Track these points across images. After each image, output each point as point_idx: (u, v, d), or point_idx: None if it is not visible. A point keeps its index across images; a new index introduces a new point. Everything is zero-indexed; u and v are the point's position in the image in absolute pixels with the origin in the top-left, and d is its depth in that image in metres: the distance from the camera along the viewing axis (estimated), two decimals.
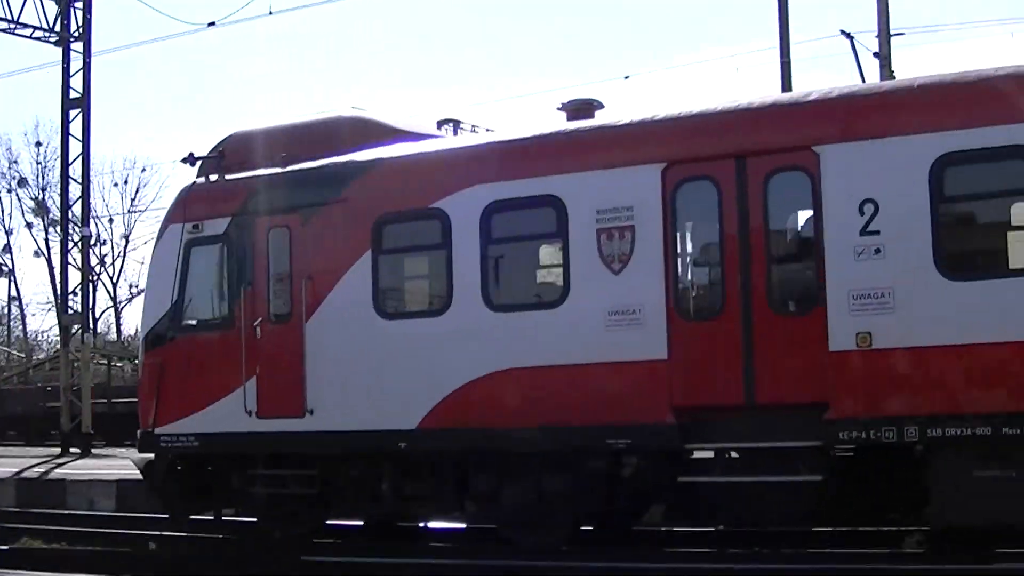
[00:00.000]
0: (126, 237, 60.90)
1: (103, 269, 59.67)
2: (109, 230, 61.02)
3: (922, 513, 11.54)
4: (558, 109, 14.03)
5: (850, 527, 13.12)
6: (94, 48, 30.15)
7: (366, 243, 13.61)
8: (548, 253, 13.15)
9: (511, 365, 12.67)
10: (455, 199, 13.10)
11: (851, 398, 11.47)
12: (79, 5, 30.24)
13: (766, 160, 11.95)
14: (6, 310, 66.14)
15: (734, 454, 12.18)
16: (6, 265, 63.83)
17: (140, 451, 15.12)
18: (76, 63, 29.95)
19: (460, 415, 12.92)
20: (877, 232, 11.45)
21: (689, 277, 12.63)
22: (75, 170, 30.26)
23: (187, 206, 15.01)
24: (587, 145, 12.86)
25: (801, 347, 11.67)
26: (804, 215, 12.08)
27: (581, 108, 13.81)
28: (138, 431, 15.03)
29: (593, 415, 12.30)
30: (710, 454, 12.23)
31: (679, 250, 12.47)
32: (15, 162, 62.22)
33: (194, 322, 14.77)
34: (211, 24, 29.04)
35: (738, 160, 12.02)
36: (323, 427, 13.69)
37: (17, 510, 19.17)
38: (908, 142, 11.43)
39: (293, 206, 14.21)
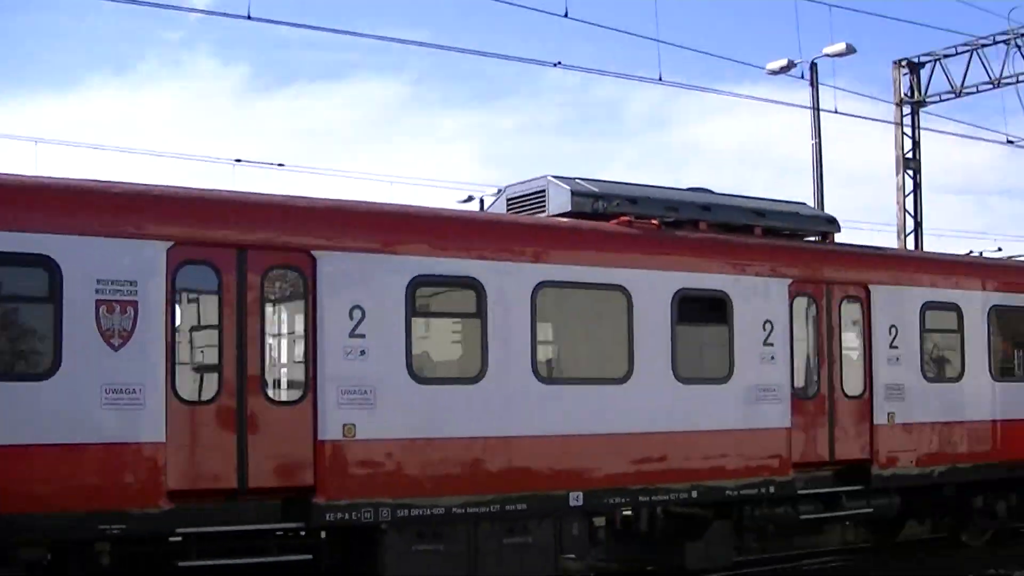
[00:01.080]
0: None
1: None
2: None
3: None
4: None
5: None
6: None
7: None
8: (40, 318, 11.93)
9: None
10: None
11: (336, 483, 12.88)
12: None
13: (267, 255, 12.89)
14: None
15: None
16: None
17: None
18: None
19: None
20: (363, 336, 13.23)
21: (189, 360, 12.67)
22: None
23: None
24: (89, 206, 12.23)
25: (292, 435, 12.74)
26: (300, 312, 13.19)
27: None
28: None
29: (87, 500, 11.63)
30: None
31: (180, 332, 12.53)
32: None
33: None
34: None
35: (240, 251, 12.75)
36: None
37: None
38: (390, 260, 13.54)
39: None
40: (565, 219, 15.87)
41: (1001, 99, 32.07)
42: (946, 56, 33.15)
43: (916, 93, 33.93)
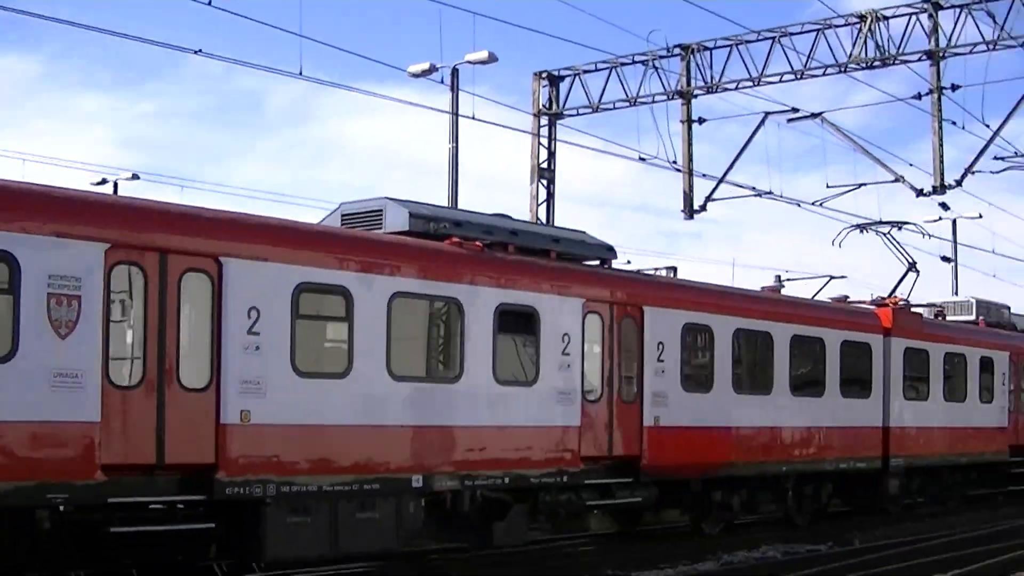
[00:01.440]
0: None
1: None
2: None
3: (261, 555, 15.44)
4: None
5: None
6: None
7: None
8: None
9: None
10: None
11: (232, 462, 14.96)
12: None
13: (183, 260, 14.80)
14: None
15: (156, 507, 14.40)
16: None
17: None
18: None
19: None
20: (258, 333, 15.35)
21: (120, 350, 14.35)
22: None
23: None
24: (45, 210, 13.75)
25: (200, 418, 14.74)
26: (208, 311, 15.12)
27: None
28: None
29: (34, 472, 13.25)
30: None
31: (113, 325, 14.22)
32: None
33: None
34: None
35: (162, 255, 14.64)
36: None
37: None
38: (280, 268, 15.71)
39: None
40: (415, 239, 18.31)
41: (636, 117, 34.96)
42: (586, 72, 34.74)
43: (554, 105, 35.29)
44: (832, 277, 29.48)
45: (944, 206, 37.80)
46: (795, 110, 33.44)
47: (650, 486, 21.06)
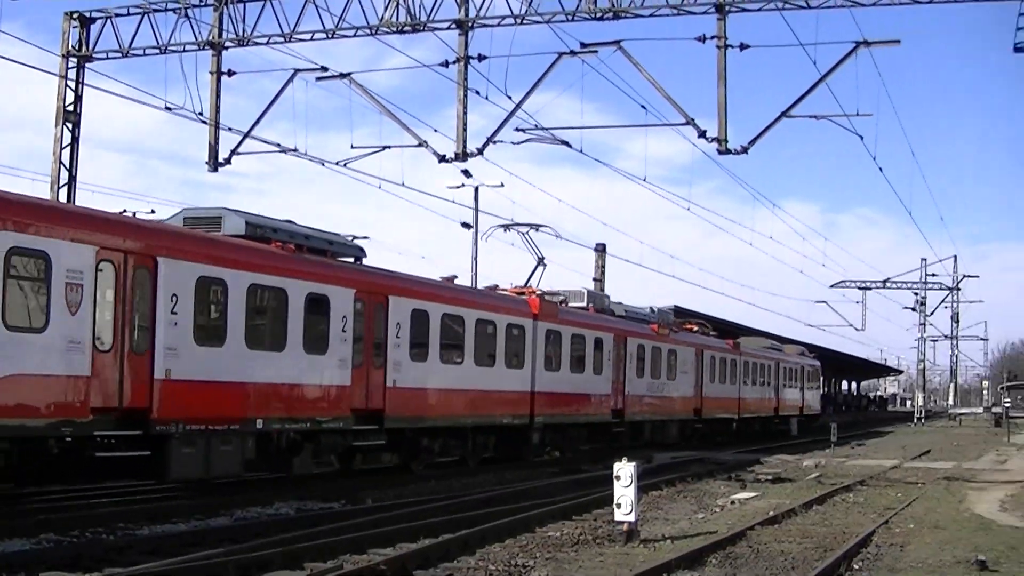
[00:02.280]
0: None
1: None
2: None
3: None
4: None
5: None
6: None
7: None
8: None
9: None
10: None
11: (159, 407, 21.16)
12: None
13: (134, 258, 20.91)
14: None
15: None
16: None
17: None
18: None
19: None
20: (176, 313, 21.65)
21: (103, 324, 20.04)
22: None
23: None
24: (65, 222, 19.46)
25: (143, 375, 20.91)
26: (149, 296, 21.20)
27: None
28: None
29: (55, 411, 19.02)
30: None
31: (99, 305, 19.96)
32: None
33: None
34: None
35: (125, 254, 20.74)
36: None
37: None
38: (190, 265, 22.15)
39: None
40: (261, 244, 24.74)
41: (166, 65, 34.88)
42: (118, 15, 34.28)
43: (84, 47, 34.68)
44: (356, 237, 29.47)
45: (467, 173, 42.79)
46: (324, 69, 33.48)
47: (394, 432, 28.73)
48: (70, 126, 35.31)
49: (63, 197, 34.77)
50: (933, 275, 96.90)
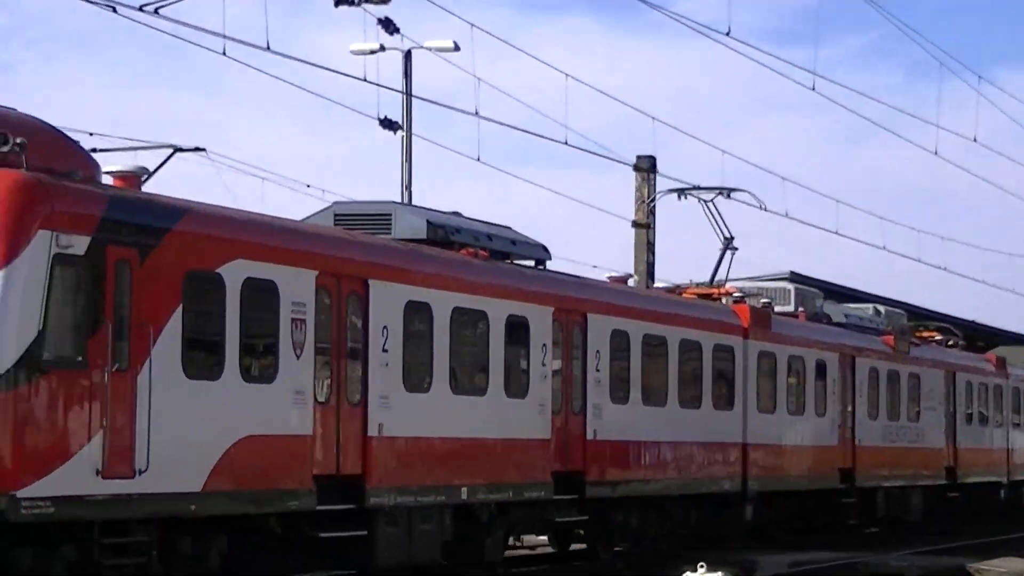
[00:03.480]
0: None
1: None
2: None
3: None
4: None
5: None
6: None
7: None
8: None
9: None
10: None
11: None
12: None
13: (347, 283, 18.71)
14: None
15: None
16: None
17: None
18: None
19: None
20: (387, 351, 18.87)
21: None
22: None
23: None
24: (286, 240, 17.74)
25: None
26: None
27: None
28: None
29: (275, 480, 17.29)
30: None
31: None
32: None
33: None
34: None
35: (339, 279, 18.56)
36: None
37: None
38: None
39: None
40: (448, 251, 21.89)
41: None
42: None
43: None
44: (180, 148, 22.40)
45: (388, 25, 33.57)
46: None
47: None
48: None
49: None
50: None
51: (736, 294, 31.84)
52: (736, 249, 34.23)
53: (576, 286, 25.52)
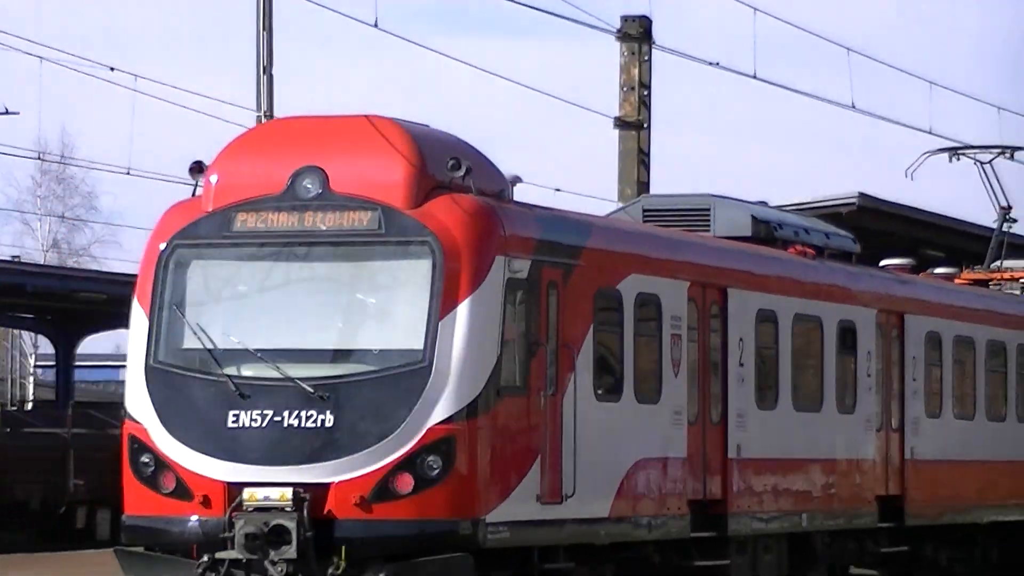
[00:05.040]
0: None
1: None
2: None
3: None
4: None
5: None
6: None
7: None
8: None
9: None
10: None
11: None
12: None
13: (711, 292, 20.48)
14: None
15: None
16: None
17: None
18: None
19: None
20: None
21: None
22: None
23: None
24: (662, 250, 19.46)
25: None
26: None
27: None
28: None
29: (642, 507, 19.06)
30: None
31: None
32: None
33: None
34: None
35: (704, 288, 20.34)
36: None
37: None
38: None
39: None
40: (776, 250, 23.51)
41: None
42: None
43: None
44: None
45: None
46: None
47: None
48: None
49: None
50: None
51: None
52: (1015, 220, 34.12)
53: (895, 283, 26.91)
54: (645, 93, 28.71)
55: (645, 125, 28.82)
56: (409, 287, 16.27)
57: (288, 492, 15.70)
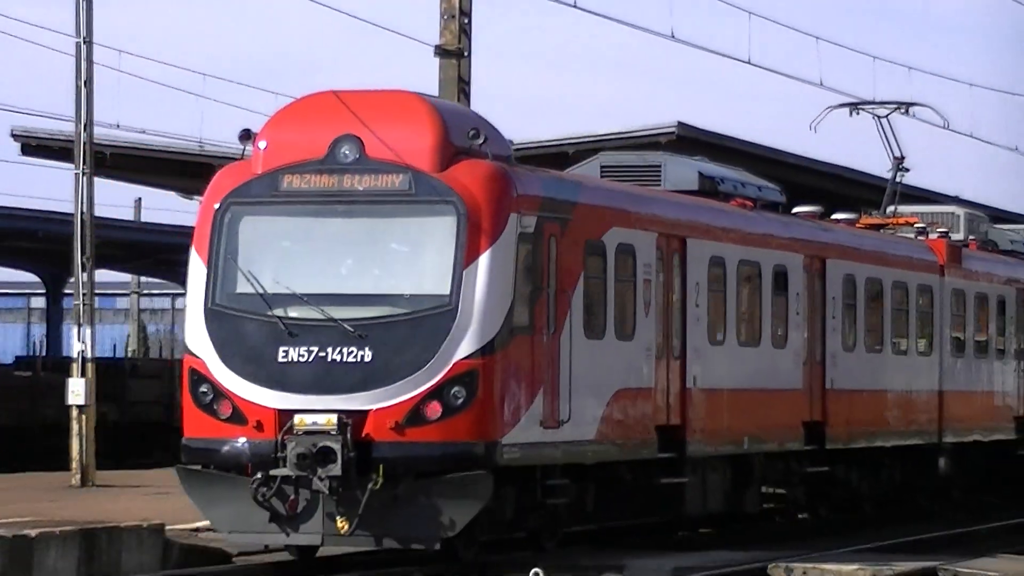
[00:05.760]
0: None
1: None
2: None
3: None
4: None
5: None
6: None
7: None
8: None
9: None
10: None
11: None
12: None
13: (670, 242, 23.25)
14: None
15: None
16: None
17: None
18: None
19: None
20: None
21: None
22: None
23: None
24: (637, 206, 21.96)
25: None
26: None
27: None
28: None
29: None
30: None
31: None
32: None
33: None
34: None
35: (667, 238, 23.04)
36: None
37: None
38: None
39: None
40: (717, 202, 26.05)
41: None
42: None
43: None
44: None
45: None
46: None
47: None
48: None
49: None
50: None
51: (918, 224, 34.37)
52: (907, 170, 36.43)
53: (819, 231, 29.59)
54: (465, 21, 27.85)
55: (465, 54, 27.93)
56: (437, 240, 18.91)
57: (333, 418, 18.30)
